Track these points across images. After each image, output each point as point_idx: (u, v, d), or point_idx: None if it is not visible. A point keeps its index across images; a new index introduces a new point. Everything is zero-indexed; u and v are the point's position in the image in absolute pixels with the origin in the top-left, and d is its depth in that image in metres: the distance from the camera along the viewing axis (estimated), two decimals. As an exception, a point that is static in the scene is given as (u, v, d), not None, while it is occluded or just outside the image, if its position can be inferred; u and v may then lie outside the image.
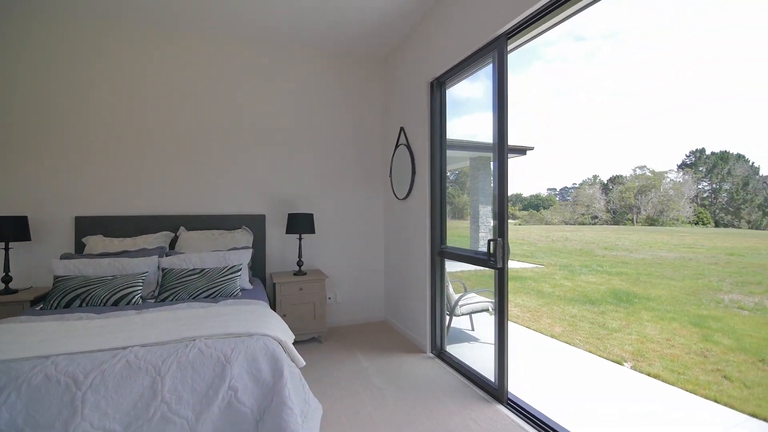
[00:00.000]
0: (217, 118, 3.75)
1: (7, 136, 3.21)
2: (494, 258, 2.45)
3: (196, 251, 3.32)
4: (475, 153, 10.69)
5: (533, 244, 16.65)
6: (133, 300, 2.71)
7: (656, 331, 4.55)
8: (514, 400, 2.46)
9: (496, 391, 2.55)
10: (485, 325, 4.32)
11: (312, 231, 3.69)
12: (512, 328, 4.50)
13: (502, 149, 2.46)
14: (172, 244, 3.48)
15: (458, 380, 2.84)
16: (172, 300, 2.80)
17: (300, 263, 3.70)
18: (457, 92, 3.38)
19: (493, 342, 2.58)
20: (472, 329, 4.37)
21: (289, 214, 3.67)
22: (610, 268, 9.51)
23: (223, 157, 3.77)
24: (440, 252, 3.26)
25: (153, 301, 2.82)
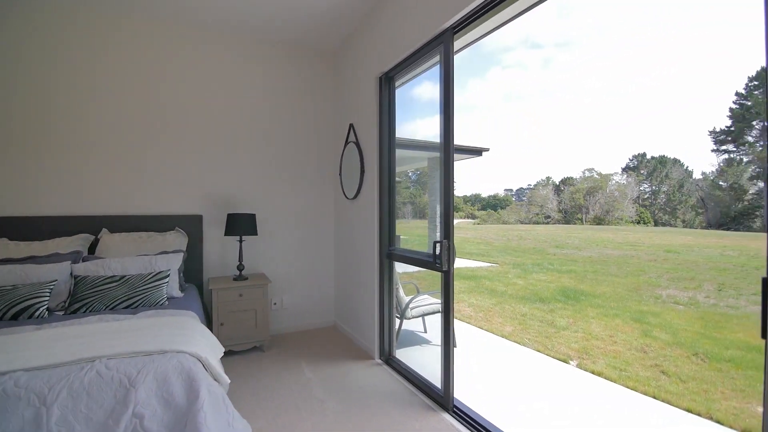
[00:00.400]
0: (149, 109, 3.41)
1: None
2: (440, 260, 2.35)
3: (120, 256, 2.99)
4: (434, 153, 10.79)
5: (490, 243, 17.06)
6: (37, 313, 2.37)
7: (600, 328, 4.68)
8: (460, 407, 2.38)
9: (441, 398, 2.45)
10: (439, 327, 4.25)
11: (254, 233, 3.44)
12: (465, 328, 4.48)
13: (448, 147, 2.37)
14: (92, 248, 3.12)
15: (405, 388, 2.73)
16: (84, 312, 2.48)
17: (240, 267, 3.44)
18: (421, 93, 3.31)
19: (446, 342, 2.48)
20: (425, 331, 4.29)
21: (228, 215, 3.40)
22: (560, 266, 9.86)
23: (156, 151, 3.44)
24: (388, 254, 3.13)
25: (62, 313, 2.49)
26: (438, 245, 2.35)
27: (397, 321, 3.51)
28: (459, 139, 2.41)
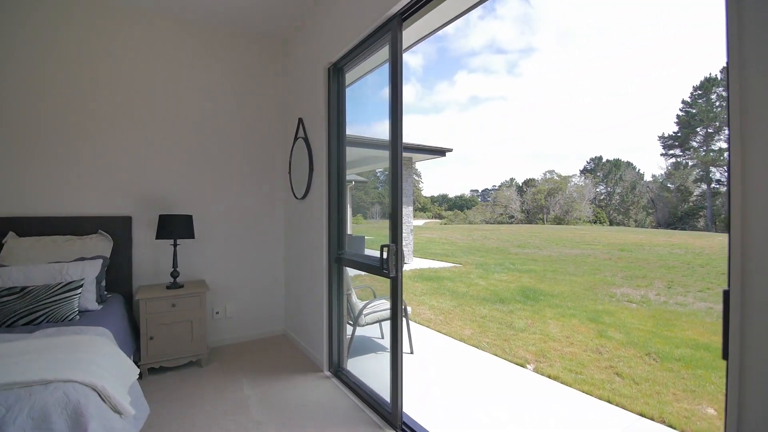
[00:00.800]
0: (70, 98, 3.01)
1: None
2: (387, 266, 2.16)
3: (28, 263, 2.60)
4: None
5: (454, 243, 17.17)
6: None
7: (558, 329, 4.68)
8: (409, 424, 2.20)
9: (389, 414, 2.27)
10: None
11: (191, 236, 3.13)
12: (424, 333, 4.33)
13: (396, 144, 2.19)
14: (-5, 254, 2.70)
15: (353, 404, 2.52)
16: (-27, 330, 2.10)
17: (175, 274, 3.12)
18: (386, 94, 3.11)
19: (394, 357, 2.29)
20: (382, 337, 4.10)
21: (160, 216, 3.07)
22: (521, 266, 9.98)
23: (78, 144, 3.04)
24: (337, 258, 2.92)
25: (-56, 333, 2.10)
26: (385, 250, 2.16)
27: (351, 328, 3.31)
28: (427, 139, 2.24)
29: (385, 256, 2.17)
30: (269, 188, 3.87)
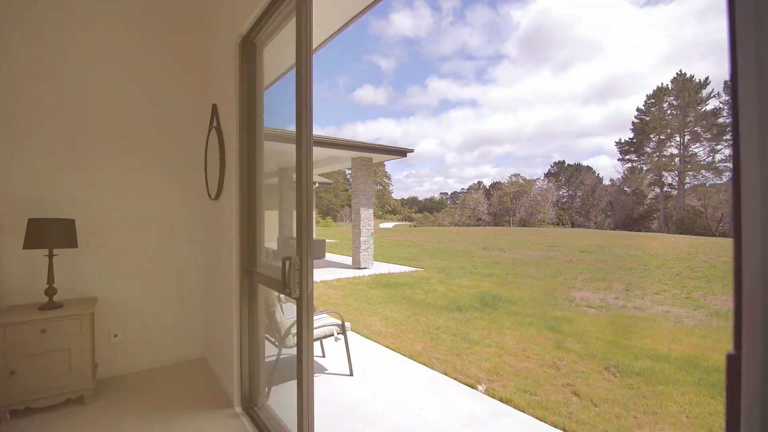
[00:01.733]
0: None
1: None
2: (289, 283, 1.70)
3: None
4: (357, 153, 10.21)
5: (420, 246, 16.91)
6: None
7: (515, 340, 4.36)
8: (320, 483, 1.75)
9: (298, 469, 1.81)
10: (339, 350, 3.64)
11: (71, 244, 2.55)
12: (370, 350, 3.90)
13: (301, 130, 1.73)
14: None
15: (258, 452, 2.04)
16: None
17: (51, 292, 2.52)
18: (363, 96, 2.71)
19: (300, 401, 1.84)
20: (323, 356, 3.64)
21: (29, 220, 2.47)
22: (483, 269, 9.76)
23: None
24: (248, 272, 2.43)
25: None
26: (287, 263, 1.70)
27: (276, 349, 2.83)
28: (396, 141, 1.81)
29: (287, 269, 1.71)
30: (184, 187, 3.31)
